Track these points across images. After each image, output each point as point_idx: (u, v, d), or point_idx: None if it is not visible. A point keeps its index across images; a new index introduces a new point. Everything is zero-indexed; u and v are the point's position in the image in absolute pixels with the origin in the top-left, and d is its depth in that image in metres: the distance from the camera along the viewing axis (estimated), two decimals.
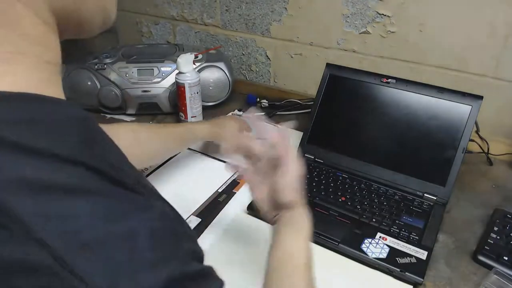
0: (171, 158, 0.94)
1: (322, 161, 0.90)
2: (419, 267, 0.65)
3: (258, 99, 1.18)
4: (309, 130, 0.93)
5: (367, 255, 0.67)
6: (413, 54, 1.03)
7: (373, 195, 0.81)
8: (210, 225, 0.75)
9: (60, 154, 0.27)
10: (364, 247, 0.68)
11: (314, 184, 0.84)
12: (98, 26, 0.39)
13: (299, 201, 0.54)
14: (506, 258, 0.66)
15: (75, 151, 0.28)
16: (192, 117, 1.04)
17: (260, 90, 1.24)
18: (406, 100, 0.85)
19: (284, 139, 0.55)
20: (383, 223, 0.74)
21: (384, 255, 0.67)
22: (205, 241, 0.71)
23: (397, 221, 0.74)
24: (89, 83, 1.09)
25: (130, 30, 1.49)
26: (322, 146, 0.91)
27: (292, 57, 1.21)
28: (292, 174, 0.54)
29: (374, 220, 0.74)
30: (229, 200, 0.81)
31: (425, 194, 0.81)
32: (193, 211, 0.78)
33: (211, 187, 0.85)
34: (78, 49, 1.60)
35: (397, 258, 0.66)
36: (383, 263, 0.66)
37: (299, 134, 0.97)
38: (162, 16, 1.39)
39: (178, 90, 1.01)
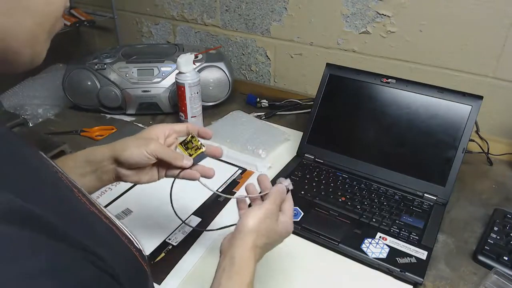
0: None
1: (322, 161, 0.90)
2: (419, 267, 0.65)
3: (258, 99, 1.18)
4: (309, 130, 0.93)
5: (367, 255, 0.67)
6: (413, 54, 1.03)
7: (373, 195, 0.81)
8: (210, 225, 0.75)
9: None
10: (364, 247, 0.68)
11: (314, 184, 0.84)
12: (25, 61, 0.35)
13: (257, 243, 0.50)
14: (506, 258, 0.66)
15: None
16: (192, 117, 1.04)
17: (260, 90, 1.24)
18: (406, 100, 0.85)
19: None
20: (383, 223, 0.74)
21: (384, 255, 0.67)
22: (205, 241, 0.71)
23: (397, 221, 0.74)
24: (89, 83, 1.09)
25: (130, 30, 1.49)
26: (322, 146, 0.91)
27: (292, 57, 1.21)
28: (286, 217, 0.54)
29: (374, 220, 0.74)
30: (229, 200, 0.81)
31: (425, 194, 0.81)
32: (193, 210, 0.78)
33: (211, 187, 0.84)
34: (78, 49, 1.60)
35: (397, 258, 0.66)
36: (383, 263, 0.66)
37: (299, 134, 0.97)
38: (162, 16, 1.39)
39: (178, 90, 1.01)
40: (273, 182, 0.83)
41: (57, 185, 0.35)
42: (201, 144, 0.60)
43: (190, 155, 0.59)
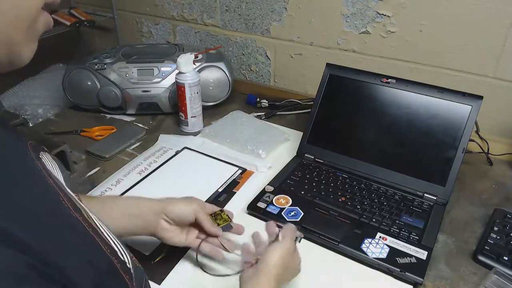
0: (171, 157, 0.94)
1: (322, 161, 0.90)
2: (419, 267, 0.65)
3: (258, 99, 1.18)
4: (309, 130, 0.93)
5: (367, 255, 0.67)
6: (413, 54, 1.03)
7: (373, 195, 0.81)
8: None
9: None
10: (364, 247, 0.68)
11: (314, 184, 0.84)
12: (2, 62, 0.34)
13: (280, 278, 0.53)
14: (506, 258, 0.66)
15: None
16: (192, 117, 1.04)
17: (260, 90, 1.24)
18: (406, 100, 0.85)
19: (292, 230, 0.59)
20: (383, 223, 0.74)
21: (384, 255, 0.67)
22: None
23: (397, 221, 0.74)
24: (89, 83, 1.09)
25: (130, 30, 1.49)
26: (322, 146, 0.91)
27: (292, 57, 1.21)
28: (283, 247, 0.56)
29: (374, 220, 0.74)
30: (229, 200, 0.81)
31: (425, 194, 0.81)
32: None
33: (211, 187, 0.85)
34: (78, 49, 1.60)
35: (397, 258, 0.66)
36: (383, 263, 0.66)
37: (299, 134, 0.97)
38: (162, 16, 1.39)
39: (178, 90, 1.01)
40: (273, 183, 0.84)
41: (40, 188, 0.35)
42: (228, 217, 0.67)
43: (218, 225, 0.65)
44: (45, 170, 0.38)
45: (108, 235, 0.39)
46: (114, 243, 0.39)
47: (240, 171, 0.91)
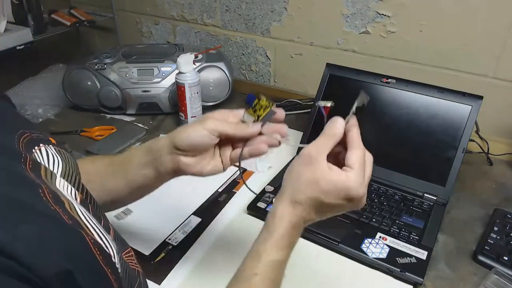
0: None
1: None
2: (419, 267, 0.65)
3: None
4: (309, 130, 0.93)
5: (367, 255, 0.67)
6: (413, 54, 1.03)
7: (373, 195, 0.81)
8: (210, 225, 0.75)
9: None
10: (364, 247, 0.68)
11: None
12: None
13: (294, 198, 0.48)
14: (506, 258, 0.66)
15: None
16: (192, 117, 1.04)
17: (260, 90, 1.24)
18: (406, 100, 0.85)
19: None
20: (383, 223, 0.74)
21: (384, 255, 0.67)
22: (205, 241, 0.71)
23: (397, 221, 0.74)
24: (89, 83, 1.09)
25: (130, 30, 1.49)
26: None
27: (292, 57, 1.21)
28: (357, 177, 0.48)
29: (374, 220, 0.74)
30: (229, 200, 0.81)
31: (425, 194, 0.81)
32: (193, 210, 0.78)
33: (211, 187, 0.85)
34: (78, 49, 1.60)
35: (397, 258, 0.66)
36: (383, 263, 0.66)
37: (299, 134, 0.97)
38: (162, 16, 1.39)
39: (178, 90, 1.01)
40: (273, 183, 0.84)
41: (12, 183, 0.34)
42: (268, 102, 0.54)
43: (258, 117, 0.54)
44: (32, 164, 0.38)
45: (94, 228, 0.38)
46: (100, 236, 0.38)
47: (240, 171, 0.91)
